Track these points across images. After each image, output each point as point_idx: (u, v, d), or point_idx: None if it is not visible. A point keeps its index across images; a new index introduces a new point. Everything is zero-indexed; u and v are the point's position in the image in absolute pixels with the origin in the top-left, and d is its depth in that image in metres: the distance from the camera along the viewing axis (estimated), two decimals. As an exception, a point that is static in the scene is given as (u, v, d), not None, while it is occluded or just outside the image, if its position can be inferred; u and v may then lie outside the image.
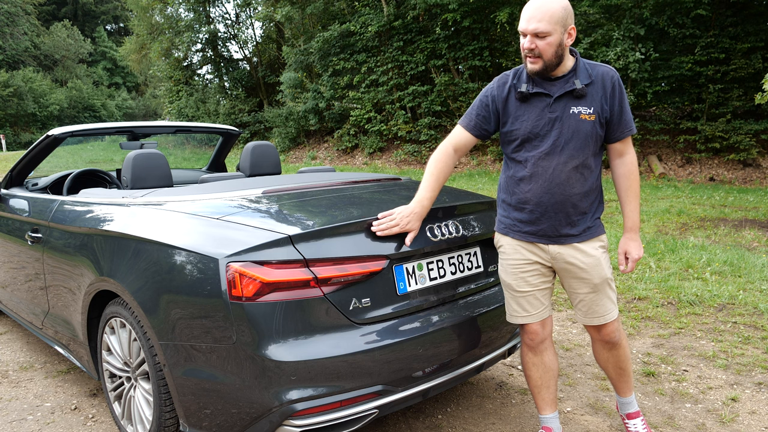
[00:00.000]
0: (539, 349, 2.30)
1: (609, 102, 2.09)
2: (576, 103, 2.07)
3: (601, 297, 2.21)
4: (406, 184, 2.93)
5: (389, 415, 2.71)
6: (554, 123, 2.08)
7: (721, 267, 5.07)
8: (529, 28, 1.99)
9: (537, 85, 2.10)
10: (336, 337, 1.93)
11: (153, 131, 3.97)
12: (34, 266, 3.09)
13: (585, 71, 2.09)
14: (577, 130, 2.07)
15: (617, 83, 2.10)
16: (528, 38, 2.01)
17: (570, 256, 2.16)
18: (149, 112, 55.93)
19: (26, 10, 50.07)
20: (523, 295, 2.24)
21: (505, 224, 2.26)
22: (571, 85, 2.06)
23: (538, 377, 2.33)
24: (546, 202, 2.12)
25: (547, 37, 1.98)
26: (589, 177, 2.13)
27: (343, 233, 2.04)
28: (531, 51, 2.01)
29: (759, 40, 11.88)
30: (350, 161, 17.55)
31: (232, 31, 25.40)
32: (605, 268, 2.19)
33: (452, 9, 14.21)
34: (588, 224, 2.16)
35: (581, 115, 2.07)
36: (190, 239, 2.06)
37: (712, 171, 12.12)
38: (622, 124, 2.12)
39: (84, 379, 3.26)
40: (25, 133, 43.70)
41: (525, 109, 2.13)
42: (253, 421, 1.91)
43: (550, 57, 2.01)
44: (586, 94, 2.07)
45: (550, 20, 1.96)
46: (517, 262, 2.23)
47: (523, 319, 2.27)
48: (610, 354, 2.34)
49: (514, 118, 2.16)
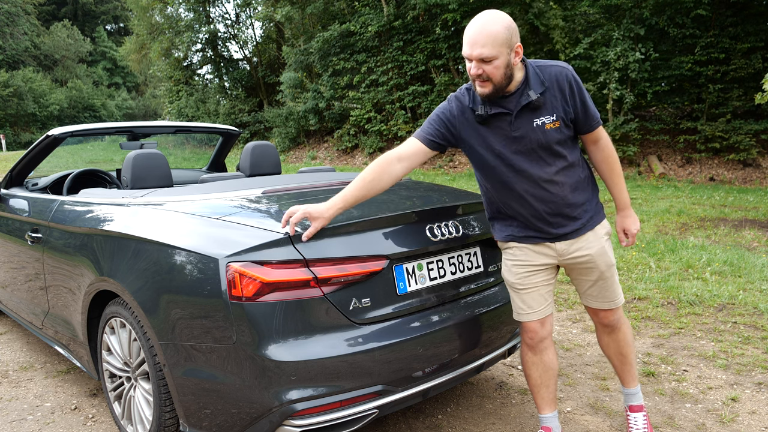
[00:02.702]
0: (539, 348, 2.30)
1: (570, 103, 2.05)
2: (536, 114, 2.03)
3: (611, 283, 2.26)
4: (406, 184, 2.93)
5: (389, 415, 2.71)
6: (520, 141, 2.05)
7: (721, 267, 5.07)
8: (473, 54, 1.92)
9: (494, 105, 2.05)
10: (336, 337, 1.93)
11: (153, 131, 3.97)
12: (34, 266, 3.09)
13: (537, 78, 2.02)
14: (545, 141, 2.04)
15: (573, 81, 2.04)
16: (474, 63, 1.94)
17: (576, 250, 2.18)
18: (149, 112, 55.93)
19: (26, 10, 50.10)
20: (527, 292, 2.25)
21: (508, 232, 2.24)
22: (526, 98, 2.00)
23: (538, 376, 2.33)
24: (540, 212, 2.12)
25: (493, 60, 1.91)
26: (574, 173, 2.13)
27: (343, 233, 2.04)
28: (479, 76, 1.95)
29: (759, 40, 11.89)
30: (350, 161, 17.55)
31: (232, 31, 25.41)
32: (610, 255, 2.23)
33: (452, 9, 14.22)
34: (590, 214, 2.18)
35: (546, 126, 2.03)
36: (190, 239, 2.06)
37: (712, 171, 12.12)
38: (588, 118, 2.10)
39: (84, 379, 3.26)
40: (25, 133, 43.70)
41: (488, 132, 2.08)
42: (253, 421, 1.91)
43: (499, 79, 1.95)
44: (543, 103, 2.02)
45: (494, 43, 1.89)
46: (522, 262, 2.23)
47: (529, 316, 2.27)
48: (610, 338, 2.39)
49: (479, 142, 2.11)
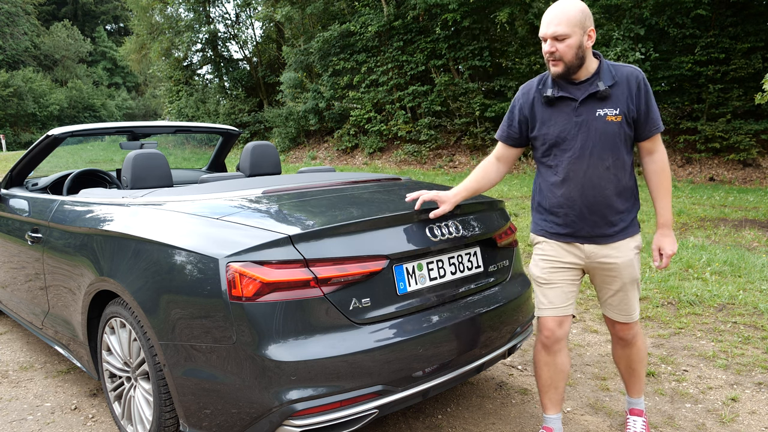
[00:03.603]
0: (554, 349, 2.32)
1: (635, 102, 2.12)
2: (601, 105, 2.11)
3: (630, 297, 2.28)
4: (406, 184, 2.93)
5: (389, 415, 2.71)
6: (581, 126, 2.13)
7: (721, 267, 5.07)
8: (548, 32, 2.06)
9: (562, 89, 2.15)
10: (336, 337, 1.93)
11: (153, 131, 3.97)
12: (34, 266, 3.09)
13: (608, 73, 2.12)
14: (604, 132, 2.11)
15: (642, 82, 2.13)
16: (548, 42, 2.07)
17: (604, 256, 2.21)
18: (149, 112, 55.93)
19: (26, 10, 50.07)
20: (550, 287, 2.29)
21: (542, 227, 2.31)
22: (594, 88, 2.10)
23: (549, 377, 2.35)
24: (580, 205, 2.16)
25: (566, 39, 2.04)
26: (622, 177, 2.16)
27: (343, 233, 2.04)
28: (552, 54, 2.08)
29: (759, 40, 11.88)
30: (350, 161, 17.55)
31: (232, 31, 25.40)
32: (636, 269, 2.26)
33: (452, 9, 14.21)
34: (625, 223, 2.20)
35: (607, 117, 2.11)
36: (190, 239, 2.06)
37: (712, 171, 12.12)
38: (649, 122, 2.15)
39: (84, 379, 3.26)
40: (25, 133, 43.68)
41: (551, 113, 2.18)
42: (253, 421, 1.91)
43: (570, 59, 2.06)
44: (610, 95, 2.11)
45: (569, 23, 2.03)
46: (549, 257, 2.28)
47: (547, 311, 2.30)
48: (623, 352, 2.42)
49: (542, 122, 2.21)
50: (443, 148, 15.90)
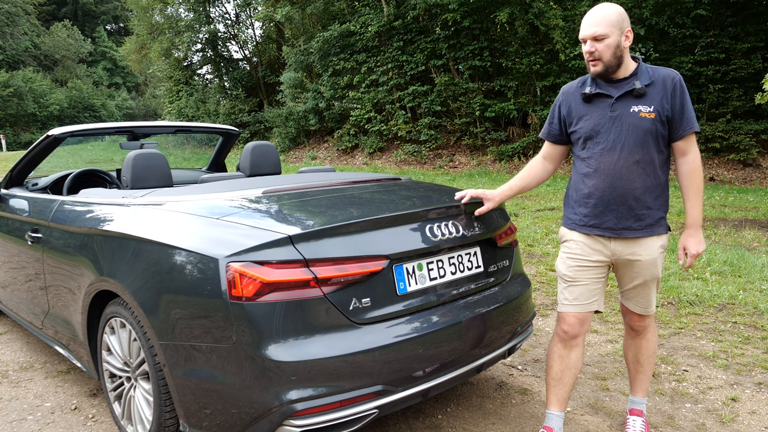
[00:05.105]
0: (570, 344, 2.36)
1: (670, 101, 2.17)
2: (636, 102, 2.19)
3: (648, 293, 2.34)
4: (406, 184, 2.93)
5: (389, 415, 2.71)
6: (614, 121, 2.20)
7: (721, 267, 5.07)
8: (588, 33, 2.16)
9: (599, 87, 2.25)
10: (336, 337, 1.93)
11: (153, 131, 3.97)
12: (34, 266, 3.09)
13: (646, 73, 2.20)
14: (636, 126, 2.17)
15: (678, 83, 2.18)
16: (588, 43, 2.18)
17: (629, 254, 2.26)
18: (149, 112, 55.92)
19: (26, 10, 50.04)
20: (575, 285, 2.33)
21: (572, 219, 2.36)
22: (631, 86, 2.18)
23: (559, 371, 2.38)
24: (608, 196, 2.21)
25: (604, 39, 2.13)
26: (651, 173, 2.21)
27: (343, 233, 2.04)
28: (591, 54, 2.17)
29: (759, 40, 11.88)
30: (350, 161, 17.55)
31: (232, 31, 25.38)
32: (659, 268, 2.30)
33: (452, 9, 14.20)
34: (652, 220, 2.24)
35: (641, 113, 2.17)
36: (190, 239, 2.06)
37: (712, 171, 12.13)
38: (683, 122, 2.19)
39: (84, 379, 3.26)
40: (25, 133, 43.66)
41: (589, 109, 2.27)
42: (253, 421, 1.91)
43: (609, 58, 2.15)
44: (645, 93, 2.17)
45: (607, 24, 2.13)
46: (578, 256, 2.32)
47: (569, 307, 2.34)
48: (633, 342, 2.49)
49: (579, 118, 2.30)
50: (443, 148, 15.89)
